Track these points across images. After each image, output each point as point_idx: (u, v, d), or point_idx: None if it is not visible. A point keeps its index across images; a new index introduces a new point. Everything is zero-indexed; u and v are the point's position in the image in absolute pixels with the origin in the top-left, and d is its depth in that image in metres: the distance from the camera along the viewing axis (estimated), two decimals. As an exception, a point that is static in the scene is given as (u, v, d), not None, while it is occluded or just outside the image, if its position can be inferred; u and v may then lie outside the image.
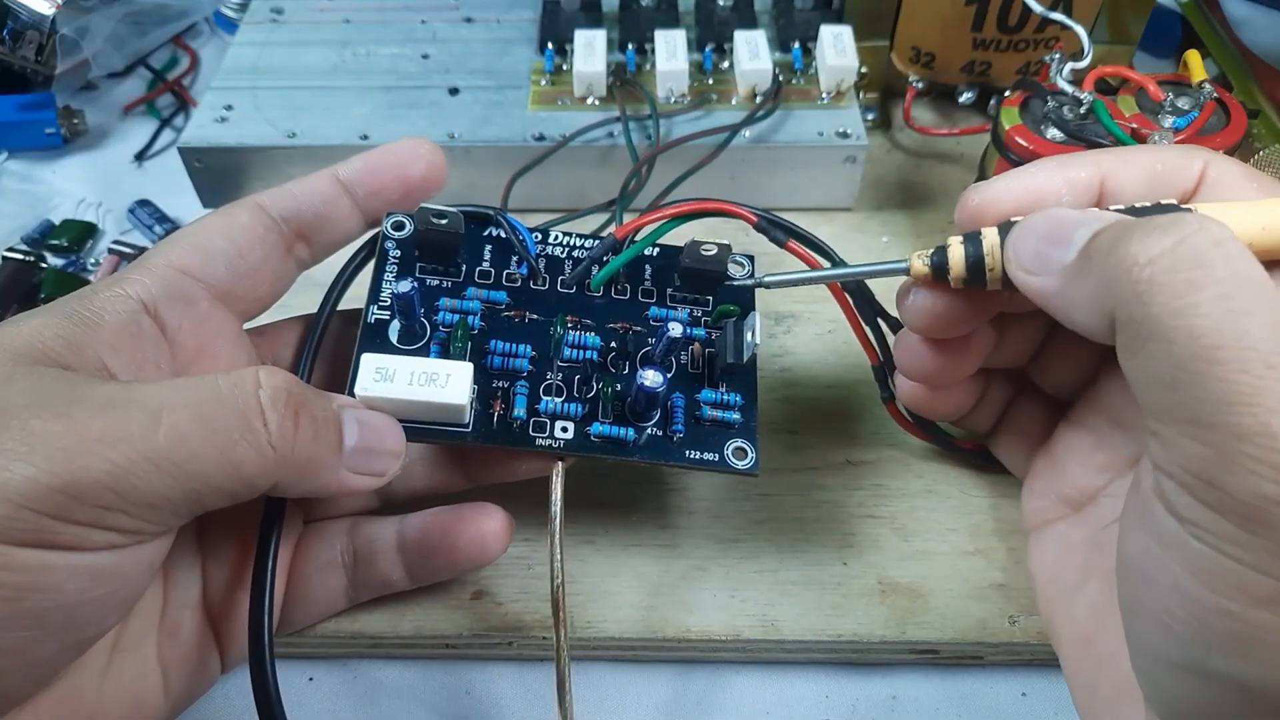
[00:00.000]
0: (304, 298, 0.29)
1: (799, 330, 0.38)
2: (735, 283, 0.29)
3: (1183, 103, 0.34)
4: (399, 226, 0.29)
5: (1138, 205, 0.23)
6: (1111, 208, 0.23)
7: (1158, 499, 0.19)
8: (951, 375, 0.27)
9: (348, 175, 0.27)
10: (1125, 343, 0.19)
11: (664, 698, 0.30)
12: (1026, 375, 0.30)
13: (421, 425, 0.26)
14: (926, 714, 0.30)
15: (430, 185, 0.28)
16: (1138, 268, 0.19)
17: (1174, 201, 0.23)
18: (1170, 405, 0.18)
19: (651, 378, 0.26)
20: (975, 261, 0.24)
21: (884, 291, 0.29)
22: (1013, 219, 0.23)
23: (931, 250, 0.24)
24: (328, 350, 0.29)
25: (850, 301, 0.29)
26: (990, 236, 0.23)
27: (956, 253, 0.24)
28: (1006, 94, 0.36)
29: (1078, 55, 0.35)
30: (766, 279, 0.27)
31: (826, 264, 0.28)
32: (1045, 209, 0.23)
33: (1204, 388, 0.18)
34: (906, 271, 0.25)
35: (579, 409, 0.27)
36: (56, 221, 0.44)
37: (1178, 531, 0.19)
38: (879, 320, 0.30)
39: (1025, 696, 0.30)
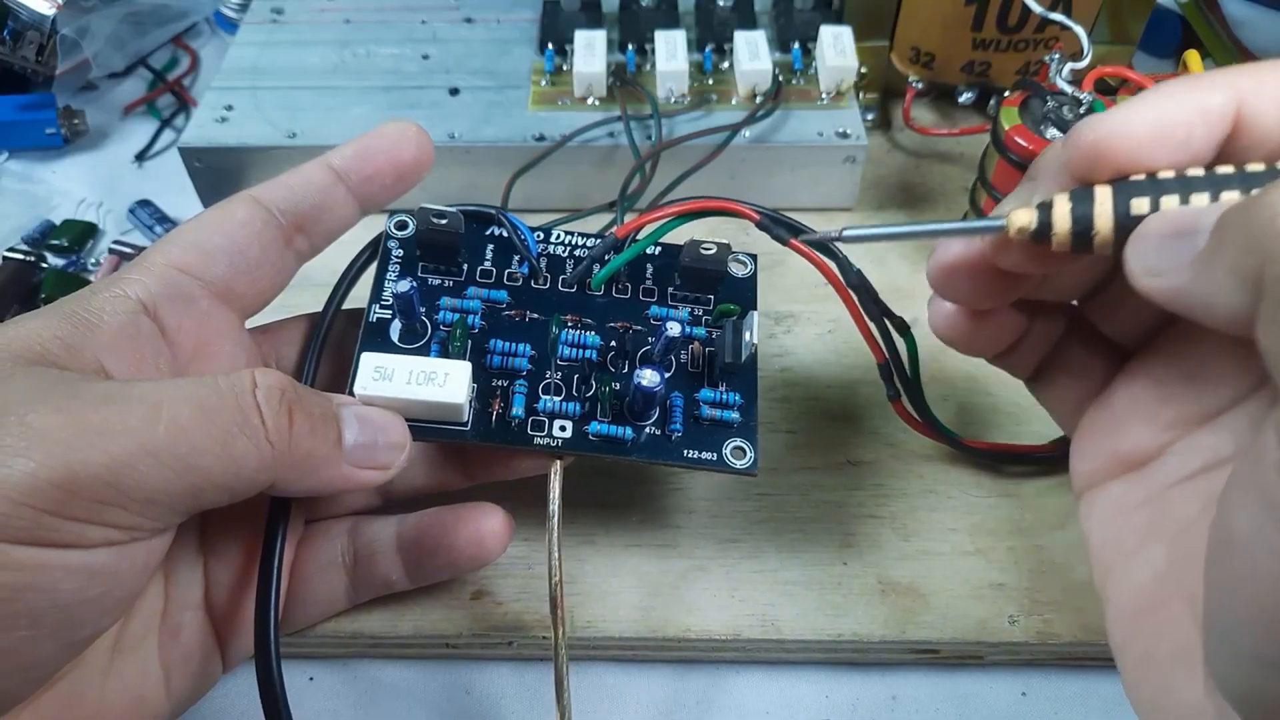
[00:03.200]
0: (306, 298, 0.29)
1: (799, 330, 0.38)
2: (811, 238, 0.26)
3: (1182, 103, 0.34)
4: (402, 226, 0.29)
5: (1248, 169, 0.20)
6: (1219, 169, 0.20)
7: None
8: (996, 298, 0.24)
9: (340, 163, 0.27)
10: (1271, 310, 0.16)
11: (664, 698, 0.30)
12: (1080, 314, 0.26)
13: (420, 424, 0.26)
14: (926, 714, 0.30)
15: (421, 167, 0.28)
16: None
17: None
18: None
19: (649, 377, 0.26)
20: (1083, 230, 0.20)
21: (886, 291, 0.29)
22: (1131, 178, 0.20)
23: (1035, 211, 0.21)
24: (332, 349, 0.29)
25: (855, 299, 0.29)
26: (1104, 202, 0.20)
27: (1062, 216, 0.21)
28: (1006, 94, 0.36)
29: (1077, 55, 0.35)
30: (845, 232, 0.23)
31: (833, 266, 0.28)
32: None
33: None
34: (1001, 229, 0.22)
35: (577, 408, 0.27)
36: (57, 221, 0.44)
37: None
38: (884, 318, 0.30)
39: (1025, 696, 0.30)
